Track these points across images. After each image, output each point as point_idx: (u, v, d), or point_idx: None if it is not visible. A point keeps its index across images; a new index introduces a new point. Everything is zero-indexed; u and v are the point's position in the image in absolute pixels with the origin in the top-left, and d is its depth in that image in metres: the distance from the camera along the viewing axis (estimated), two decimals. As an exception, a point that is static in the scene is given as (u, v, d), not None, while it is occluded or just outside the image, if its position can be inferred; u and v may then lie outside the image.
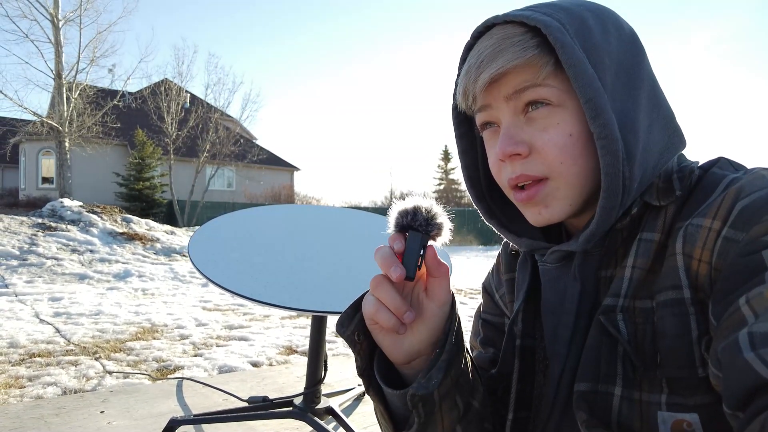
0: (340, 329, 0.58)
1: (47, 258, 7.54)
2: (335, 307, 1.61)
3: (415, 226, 0.54)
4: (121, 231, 9.33)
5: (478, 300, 0.80)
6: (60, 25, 17.39)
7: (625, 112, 0.55)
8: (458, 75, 0.61)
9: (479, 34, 0.59)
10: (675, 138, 0.59)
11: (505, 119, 0.57)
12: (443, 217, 0.55)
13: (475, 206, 0.68)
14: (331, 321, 4.55)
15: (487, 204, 0.68)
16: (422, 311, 0.56)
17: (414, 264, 0.53)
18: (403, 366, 0.59)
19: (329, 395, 2.28)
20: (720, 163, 0.58)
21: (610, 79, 0.54)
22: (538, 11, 0.56)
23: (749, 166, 0.56)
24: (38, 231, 8.51)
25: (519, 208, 0.61)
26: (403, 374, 0.60)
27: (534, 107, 0.55)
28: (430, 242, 0.55)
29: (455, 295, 0.60)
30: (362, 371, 0.59)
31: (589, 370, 0.55)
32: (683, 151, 0.62)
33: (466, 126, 0.67)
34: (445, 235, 0.55)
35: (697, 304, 0.50)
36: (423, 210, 0.54)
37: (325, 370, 1.98)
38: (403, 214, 0.55)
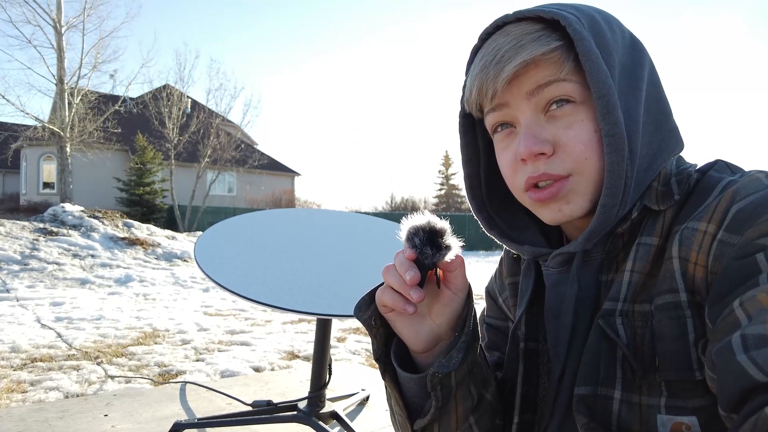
0: (358, 313, 0.60)
1: (49, 263, 7.54)
2: (340, 311, 1.62)
3: (421, 258, 0.55)
4: (122, 236, 9.33)
5: (481, 305, 0.80)
6: (63, 31, 17.47)
7: (630, 112, 0.55)
8: (467, 78, 0.60)
9: (488, 35, 0.59)
10: (671, 139, 0.60)
11: (525, 118, 0.56)
12: (450, 240, 0.56)
13: (476, 217, 0.68)
14: (336, 325, 4.55)
15: (488, 214, 0.68)
16: (440, 297, 0.59)
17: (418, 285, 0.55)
18: (422, 354, 0.61)
19: (333, 399, 2.28)
20: (717, 165, 0.58)
21: (617, 77, 0.55)
22: (552, 8, 0.56)
23: (747, 169, 0.57)
24: (40, 236, 8.52)
25: (534, 209, 0.60)
26: (420, 363, 0.62)
27: (557, 105, 0.55)
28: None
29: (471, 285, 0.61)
30: (378, 356, 0.61)
31: (588, 373, 0.56)
32: (683, 153, 0.62)
33: (471, 134, 0.66)
34: (451, 256, 0.56)
35: (693, 307, 0.51)
36: (428, 247, 0.55)
37: (330, 374, 1.99)
38: (412, 244, 0.55)
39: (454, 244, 0.56)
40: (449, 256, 0.56)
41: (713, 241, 0.49)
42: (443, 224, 0.57)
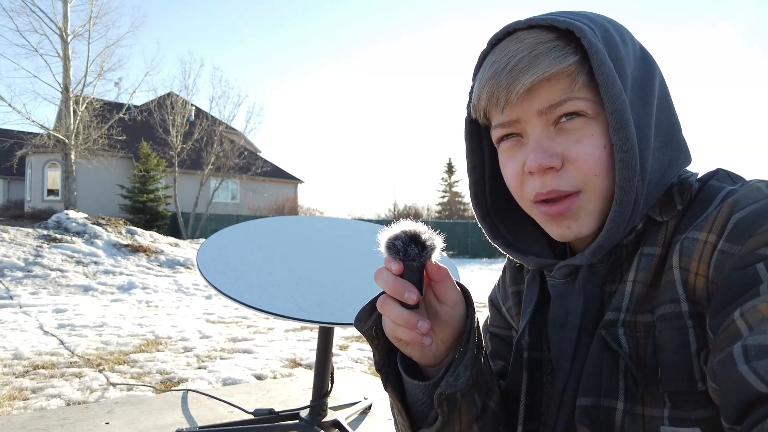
0: (358, 324, 0.59)
1: (52, 269, 7.57)
2: (342, 319, 1.62)
3: (409, 261, 0.53)
4: (125, 243, 9.36)
5: (484, 313, 0.79)
6: (69, 40, 17.66)
7: (641, 127, 0.54)
8: (474, 84, 0.60)
9: (498, 41, 0.58)
10: (680, 154, 0.59)
11: (535, 131, 0.55)
12: (433, 239, 0.54)
13: (480, 225, 0.67)
14: (338, 333, 4.54)
15: (492, 222, 0.67)
16: (438, 316, 0.58)
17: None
18: (430, 368, 0.60)
19: (336, 408, 2.27)
20: (718, 175, 0.58)
21: (629, 91, 0.54)
22: (566, 17, 0.54)
23: (748, 178, 0.56)
24: (43, 242, 8.55)
25: (542, 223, 0.60)
26: (426, 371, 0.61)
27: (567, 118, 0.54)
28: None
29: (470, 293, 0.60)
30: (380, 366, 0.60)
31: (590, 384, 0.55)
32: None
33: (476, 141, 0.66)
34: (437, 254, 0.55)
35: (695, 318, 0.50)
36: (413, 246, 0.53)
37: (332, 382, 1.98)
38: (394, 252, 0.53)
39: (437, 240, 0.54)
40: (436, 254, 0.54)
41: (714, 251, 0.49)
42: (422, 226, 0.55)
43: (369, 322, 0.59)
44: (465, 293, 0.59)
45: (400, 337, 0.55)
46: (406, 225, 0.55)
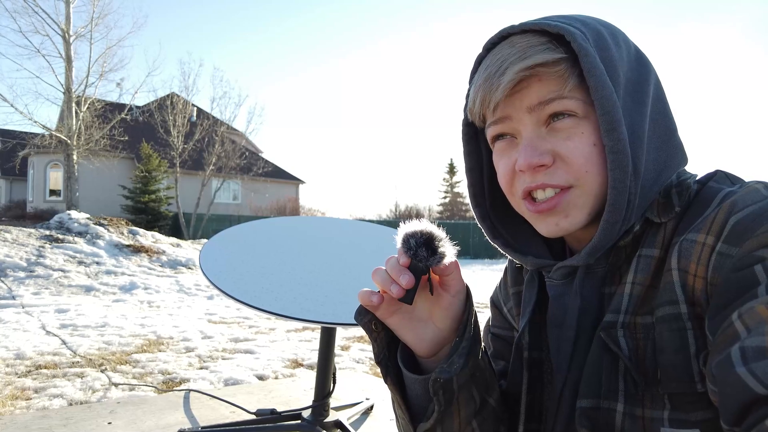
0: (358, 318, 0.61)
1: (54, 270, 7.58)
2: (344, 319, 1.62)
3: (416, 261, 0.56)
4: (127, 243, 9.37)
5: (486, 314, 0.80)
6: (71, 41, 17.67)
7: (634, 128, 0.55)
8: (470, 87, 0.61)
9: (493, 45, 0.59)
10: (676, 155, 0.60)
11: (526, 130, 0.57)
12: (445, 249, 0.56)
13: (480, 225, 0.69)
14: (340, 333, 4.54)
15: (491, 222, 0.68)
16: (440, 301, 0.59)
17: (411, 291, 0.56)
18: (428, 359, 0.61)
19: (337, 409, 2.27)
20: (717, 176, 0.58)
21: (622, 93, 0.55)
22: (558, 21, 0.56)
23: (747, 179, 0.57)
24: (45, 243, 8.57)
25: (531, 220, 0.61)
26: (426, 367, 0.62)
27: (558, 118, 0.55)
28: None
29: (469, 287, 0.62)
30: (380, 359, 0.62)
31: (590, 386, 0.56)
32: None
33: (474, 143, 0.67)
34: (445, 263, 0.57)
35: (694, 319, 0.51)
36: (424, 249, 0.56)
37: (334, 382, 1.98)
38: (407, 248, 0.56)
39: (450, 251, 0.57)
40: (444, 262, 0.56)
41: (712, 252, 0.49)
42: (439, 231, 0.57)
43: (369, 315, 0.60)
44: (465, 286, 0.61)
45: (360, 300, 0.58)
46: (426, 226, 0.57)
